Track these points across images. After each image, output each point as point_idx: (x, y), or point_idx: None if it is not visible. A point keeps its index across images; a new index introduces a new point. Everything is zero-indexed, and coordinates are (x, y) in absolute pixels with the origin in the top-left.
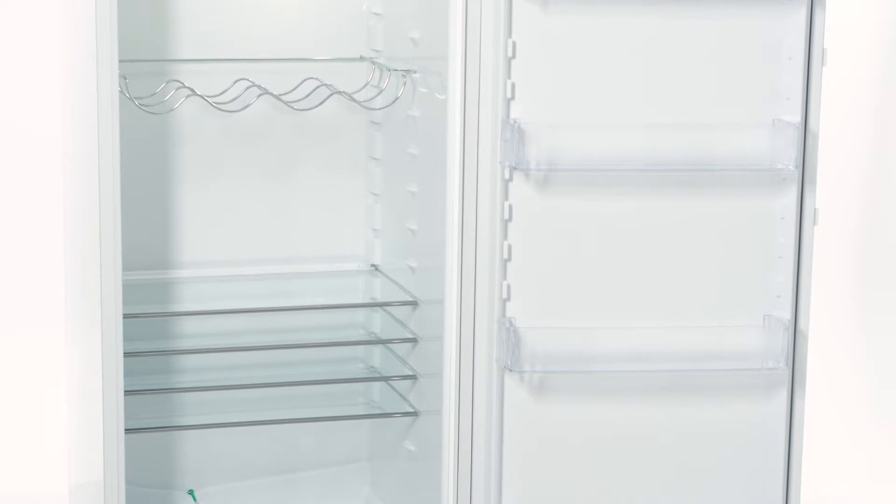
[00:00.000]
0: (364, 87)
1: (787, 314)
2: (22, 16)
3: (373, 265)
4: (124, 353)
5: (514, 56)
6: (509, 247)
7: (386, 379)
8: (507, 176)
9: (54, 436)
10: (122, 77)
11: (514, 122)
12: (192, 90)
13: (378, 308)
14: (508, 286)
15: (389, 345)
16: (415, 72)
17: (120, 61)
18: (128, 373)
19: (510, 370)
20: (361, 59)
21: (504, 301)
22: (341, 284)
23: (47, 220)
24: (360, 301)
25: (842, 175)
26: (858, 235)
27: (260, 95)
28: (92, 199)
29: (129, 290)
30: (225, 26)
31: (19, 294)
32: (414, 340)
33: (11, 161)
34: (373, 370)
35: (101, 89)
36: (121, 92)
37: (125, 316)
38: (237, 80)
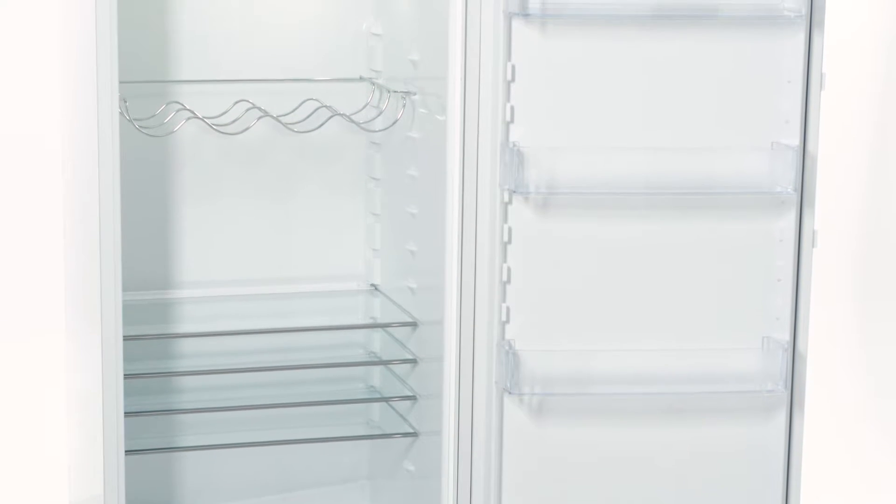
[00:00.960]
0: (364, 107)
1: (786, 336)
2: (21, 38)
3: (372, 285)
4: (124, 375)
5: (513, 79)
6: (508, 269)
7: (386, 399)
8: (506, 199)
9: (54, 456)
10: (122, 100)
11: (514, 145)
12: (193, 112)
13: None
14: (508, 308)
15: (389, 365)
16: (414, 93)
17: (120, 82)
18: (128, 393)
19: (509, 392)
20: (361, 79)
21: (503, 323)
22: (341, 304)
23: (47, 241)
24: (360, 320)
25: (840, 197)
26: (857, 258)
27: (260, 118)
28: (92, 220)
29: (130, 310)
30: (225, 47)
31: (19, 313)
32: (413, 361)
33: (11, 182)
34: (372, 389)
35: (102, 111)
36: (121, 114)
37: (125, 338)
38: (237, 102)
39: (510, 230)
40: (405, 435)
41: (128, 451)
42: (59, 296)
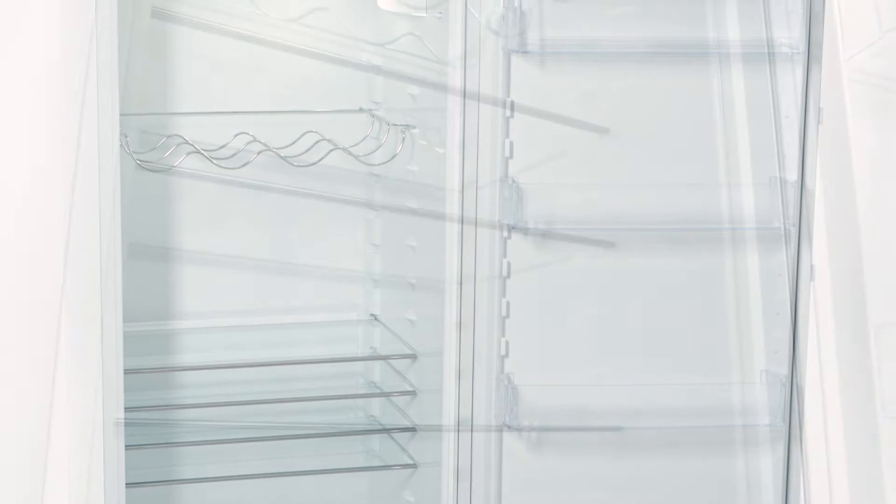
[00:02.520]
0: (363, 139)
1: (785, 370)
2: (19, 72)
3: (372, 315)
4: (125, 408)
5: (511, 115)
6: (507, 304)
7: (386, 430)
8: (505, 234)
9: (56, 490)
10: (123, 135)
11: (513, 180)
12: (194, 146)
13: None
14: (507, 343)
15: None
16: (413, 127)
17: (121, 115)
18: (128, 423)
19: (508, 426)
20: (361, 110)
21: (502, 357)
22: (341, 334)
23: (47, 273)
24: (360, 350)
25: (838, 231)
26: (855, 291)
27: (260, 152)
28: (92, 252)
29: (131, 341)
30: (225, 78)
31: (18, 344)
32: (413, 393)
33: (11, 216)
34: (372, 418)
35: (102, 145)
36: (121, 146)
37: (126, 371)
38: (238, 134)
39: (509, 265)
40: (405, 466)
41: (128, 484)
42: (58, 327)
